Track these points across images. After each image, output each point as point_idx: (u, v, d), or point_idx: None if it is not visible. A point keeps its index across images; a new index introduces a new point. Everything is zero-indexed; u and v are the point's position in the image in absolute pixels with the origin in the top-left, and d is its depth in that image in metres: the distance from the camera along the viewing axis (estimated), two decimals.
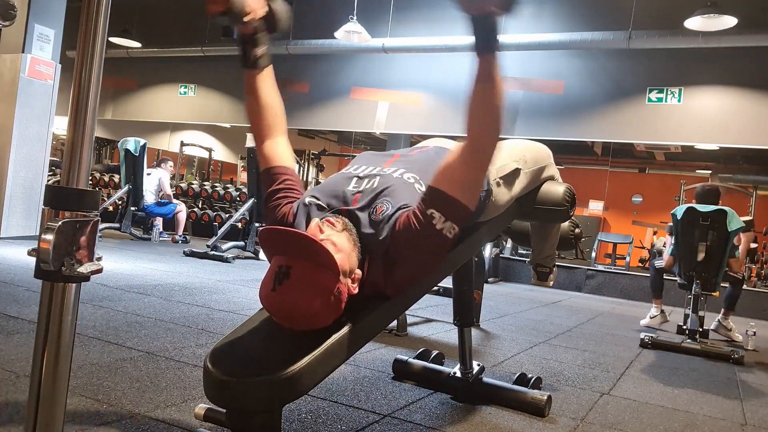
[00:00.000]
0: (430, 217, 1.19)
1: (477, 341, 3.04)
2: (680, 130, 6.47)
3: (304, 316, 1.12)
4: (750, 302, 5.91)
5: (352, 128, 9.06)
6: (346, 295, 1.16)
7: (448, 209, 1.20)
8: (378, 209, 1.26)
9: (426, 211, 1.19)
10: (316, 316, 1.12)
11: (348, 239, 1.20)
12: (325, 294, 1.11)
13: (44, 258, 0.82)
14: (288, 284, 1.09)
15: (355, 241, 1.21)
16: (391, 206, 1.25)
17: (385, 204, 1.26)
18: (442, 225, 1.19)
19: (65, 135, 0.93)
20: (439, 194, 1.20)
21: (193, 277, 4.24)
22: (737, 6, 5.57)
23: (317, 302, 1.10)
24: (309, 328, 1.14)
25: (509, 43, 6.73)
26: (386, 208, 1.25)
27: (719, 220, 3.47)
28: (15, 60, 5.30)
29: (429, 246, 1.21)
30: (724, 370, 3.01)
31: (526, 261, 2.59)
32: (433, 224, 1.19)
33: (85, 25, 0.89)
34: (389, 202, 1.26)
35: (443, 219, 1.19)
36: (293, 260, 1.10)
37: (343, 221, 1.23)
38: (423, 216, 1.19)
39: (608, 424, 1.85)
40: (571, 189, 1.86)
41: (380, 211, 1.25)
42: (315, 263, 1.10)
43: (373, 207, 1.27)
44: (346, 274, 1.16)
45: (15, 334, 2.07)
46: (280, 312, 1.13)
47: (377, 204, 1.27)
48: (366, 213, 1.26)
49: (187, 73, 9.32)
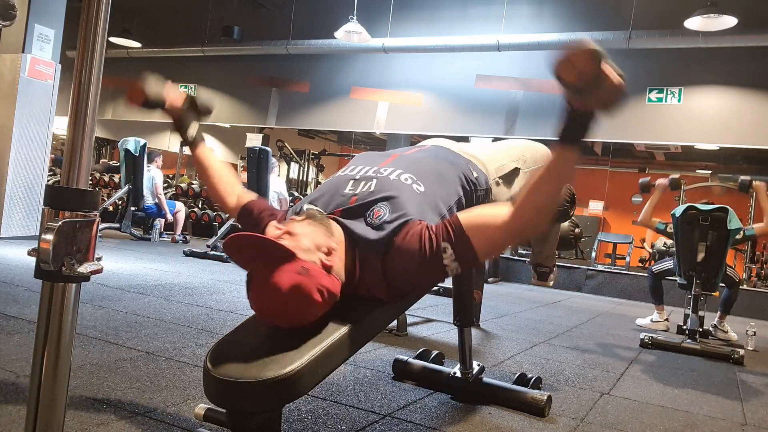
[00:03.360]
0: (442, 250, 1.18)
1: (477, 341, 3.04)
2: (680, 130, 6.47)
3: (282, 307, 1.10)
4: (750, 302, 5.91)
5: (352, 128, 9.06)
6: (319, 269, 1.13)
7: (462, 253, 1.18)
8: (375, 213, 1.25)
9: (441, 243, 1.18)
10: (296, 302, 1.10)
11: (310, 224, 1.19)
12: (289, 279, 1.08)
13: (44, 258, 0.82)
14: (254, 286, 1.11)
15: (320, 222, 1.20)
16: (389, 211, 1.24)
17: (382, 209, 1.25)
18: (449, 262, 1.19)
19: (65, 135, 0.93)
20: (462, 238, 1.18)
21: (193, 277, 4.24)
22: (737, 6, 5.57)
23: (283, 290, 1.07)
24: (305, 318, 1.13)
25: (509, 43, 6.74)
26: (383, 213, 1.24)
27: (719, 219, 3.46)
28: (15, 60, 5.30)
29: (427, 270, 1.21)
30: (724, 370, 3.01)
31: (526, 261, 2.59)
32: (442, 258, 1.18)
33: (85, 25, 0.89)
34: (386, 206, 1.26)
35: (453, 258, 1.18)
36: (249, 264, 1.13)
37: (307, 214, 1.24)
38: (436, 245, 1.18)
39: (608, 424, 1.85)
40: (571, 189, 1.86)
41: (377, 215, 1.24)
42: (268, 258, 1.09)
43: (370, 211, 1.26)
44: (311, 250, 1.14)
45: (15, 334, 2.07)
46: (263, 314, 1.15)
47: (374, 208, 1.26)
48: (362, 216, 1.26)
49: (187, 73, 9.32)
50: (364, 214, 1.26)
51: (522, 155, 1.74)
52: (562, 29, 6.73)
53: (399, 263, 1.20)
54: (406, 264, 1.20)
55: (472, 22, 7.28)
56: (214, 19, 8.48)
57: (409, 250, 1.19)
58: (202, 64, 9.03)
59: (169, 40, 8.92)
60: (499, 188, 1.60)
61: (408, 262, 1.20)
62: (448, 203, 1.37)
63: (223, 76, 9.04)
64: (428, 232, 1.20)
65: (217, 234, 6.27)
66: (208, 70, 9.10)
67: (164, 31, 9.17)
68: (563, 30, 6.70)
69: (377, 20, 7.35)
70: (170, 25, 9.21)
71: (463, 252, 1.18)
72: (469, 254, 1.18)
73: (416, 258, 1.19)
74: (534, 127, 7.05)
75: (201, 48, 8.64)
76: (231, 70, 8.94)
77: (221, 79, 9.06)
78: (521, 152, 1.75)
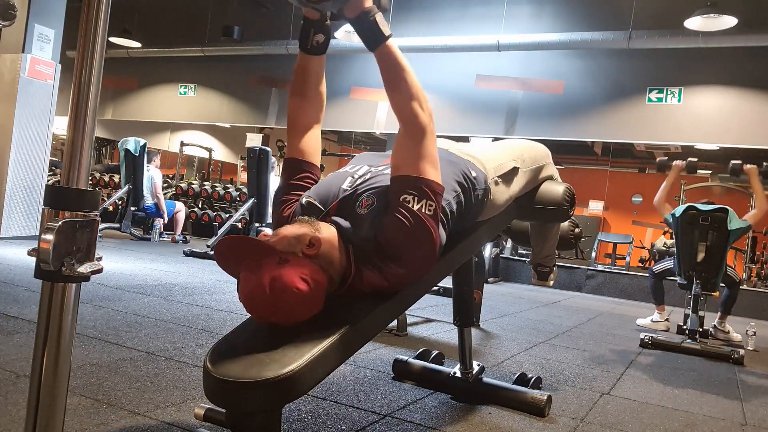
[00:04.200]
0: (403, 202, 1.21)
1: (477, 341, 3.04)
2: (680, 130, 6.47)
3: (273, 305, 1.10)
4: (750, 302, 5.91)
5: (352, 128, 9.06)
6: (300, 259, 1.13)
7: (415, 187, 1.22)
8: (364, 203, 1.26)
9: (398, 198, 1.21)
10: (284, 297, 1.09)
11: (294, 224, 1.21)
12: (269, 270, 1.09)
13: (44, 258, 0.82)
14: (241, 289, 1.13)
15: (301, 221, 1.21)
16: (377, 200, 1.26)
17: (370, 198, 1.27)
18: (417, 205, 1.21)
19: (65, 135, 0.93)
20: (401, 179, 1.23)
21: (193, 277, 4.24)
22: (737, 6, 5.57)
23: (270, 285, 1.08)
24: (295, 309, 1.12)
25: (509, 43, 6.74)
26: (372, 201, 1.26)
27: (719, 219, 3.46)
28: (15, 60, 5.30)
29: (416, 233, 1.21)
30: (724, 370, 3.01)
31: (526, 261, 2.59)
32: (409, 207, 1.20)
33: (85, 25, 0.89)
34: (374, 196, 1.27)
35: (416, 198, 1.21)
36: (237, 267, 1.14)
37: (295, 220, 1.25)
38: (398, 205, 1.21)
39: (608, 424, 1.85)
40: (571, 189, 1.86)
41: (366, 204, 1.26)
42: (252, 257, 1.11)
43: (359, 201, 1.27)
44: (293, 243, 1.14)
45: (15, 334, 2.07)
46: (255, 315, 1.16)
47: (362, 198, 1.27)
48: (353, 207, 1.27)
49: (187, 73, 9.32)
50: (354, 205, 1.27)
51: (521, 155, 1.74)
52: (562, 29, 6.73)
53: (391, 244, 1.22)
54: (396, 244, 1.21)
55: (472, 22, 7.28)
56: (214, 19, 8.48)
57: (391, 229, 1.21)
58: (202, 64, 9.03)
59: (169, 40, 8.91)
60: (498, 187, 1.60)
61: (397, 240, 1.21)
62: (446, 198, 1.37)
63: (223, 76, 9.04)
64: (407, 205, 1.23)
65: (217, 234, 6.27)
66: (208, 70, 9.10)
67: (164, 31, 9.17)
68: (563, 30, 6.70)
69: None
70: (170, 25, 9.21)
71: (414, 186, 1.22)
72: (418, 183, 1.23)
73: (398, 229, 1.20)
74: (534, 127, 7.05)
75: (201, 48, 8.64)
76: (231, 70, 8.94)
77: (221, 79, 9.06)
78: (520, 152, 1.75)
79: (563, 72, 6.99)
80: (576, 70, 6.97)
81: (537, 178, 1.85)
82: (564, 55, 6.97)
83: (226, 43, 8.42)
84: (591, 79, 6.89)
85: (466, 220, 1.48)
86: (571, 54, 6.95)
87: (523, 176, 1.73)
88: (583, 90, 6.89)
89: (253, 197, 6.39)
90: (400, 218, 1.20)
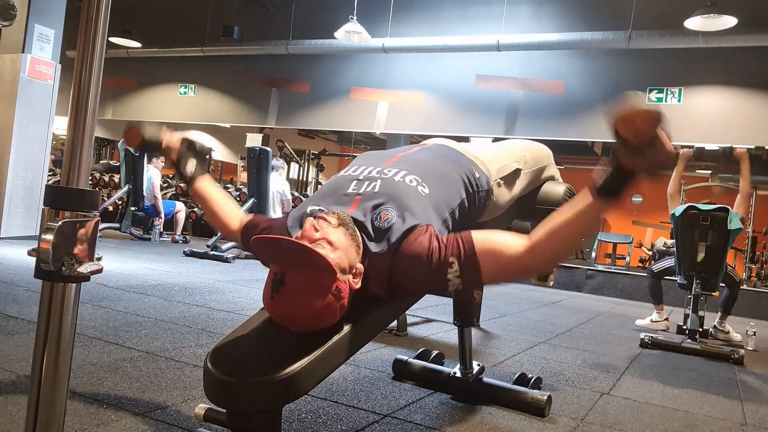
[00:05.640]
0: (449, 264, 1.17)
1: (477, 341, 3.04)
2: (680, 130, 6.47)
3: (306, 320, 1.12)
4: (750, 302, 5.91)
5: (352, 128, 9.06)
6: (347, 291, 1.15)
7: (467, 274, 1.17)
8: (383, 216, 1.23)
9: (450, 257, 1.17)
10: (319, 318, 1.12)
11: (345, 234, 1.18)
12: (323, 296, 1.10)
13: (44, 258, 0.82)
14: (284, 291, 1.10)
15: (353, 235, 1.19)
16: (396, 214, 1.23)
17: (389, 212, 1.24)
18: (453, 277, 1.17)
19: (65, 135, 0.93)
20: (472, 259, 1.16)
21: (193, 277, 4.24)
22: (737, 6, 5.57)
23: (316, 306, 1.10)
24: (315, 329, 1.14)
25: (509, 43, 6.74)
26: (391, 216, 1.23)
27: (719, 219, 3.46)
28: (15, 60, 5.30)
29: (430, 278, 1.19)
30: (724, 370, 3.00)
31: None
32: (447, 271, 1.17)
33: (85, 25, 0.89)
34: (393, 209, 1.24)
35: (457, 275, 1.17)
36: (281, 266, 1.12)
37: (338, 216, 1.21)
38: (444, 257, 1.17)
39: (608, 424, 1.85)
40: (572, 189, 1.86)
41: (385, 218, 1.23)
42: (309, 268, 1.09)
43: (377, 213, 1.24)
44: (345, 270, 1.15)
45: (15, 334, 2.07)
46: (282, 319, 1.14)
47: (381, 211, 1.24)
48: (369, 218, 1.24)
49: (187, 73, 9.32)
50: (371, 216, 1.25)
51: (523, 156, 1.74)
52: (562, 29, 6.74)
53: (405, 266, 1.19)
54: (411, 268, 1.19)
55: (472, 22, 7.29)
56: (214, 19, 8.48)
57: (416, 256, 1.18)
58: (202, 64, 9.03)
59: (169, 40, 8.92)
60: (501, 189, 1.60)
61: (413, 267, 1.19)
62: (451, 206, 1.36)
63: (223, 76, 9.04)
64: (437, 242, 1.19)
65: (217, 234, 6.27)
66: (208, 70, 9.10)
67: (164, 31, 9.17)
68: (563, 30, 6.71)
69: (377, 20, 7.35)
70: (170, 25, 9.21)
71: (469, 272, 1.16)
72: (474, 276, 1.17)
73: (422, 264, 1.17)
74: (534, 127, 7.05)
75: (201, 48, 8.64)
76: (231, 70, 8.94)
77: (221, 79, 9.06)
78: (522, 153, 1.75)
79: (563, 72, 6.99)
80: (576, 70, 6.97)
81: (539, 178, 1.85)
82: (564, 55, 6.97)
83: (226, 43, 8.42)
84: (591, 79, 6.89)
85: (467, 222, 1.48)
86: (571, 54, 6.95)
87: (526, 177, 1.73)
88: (583, 90, 6.89)
89: (253, 197, 6.39)
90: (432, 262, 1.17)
